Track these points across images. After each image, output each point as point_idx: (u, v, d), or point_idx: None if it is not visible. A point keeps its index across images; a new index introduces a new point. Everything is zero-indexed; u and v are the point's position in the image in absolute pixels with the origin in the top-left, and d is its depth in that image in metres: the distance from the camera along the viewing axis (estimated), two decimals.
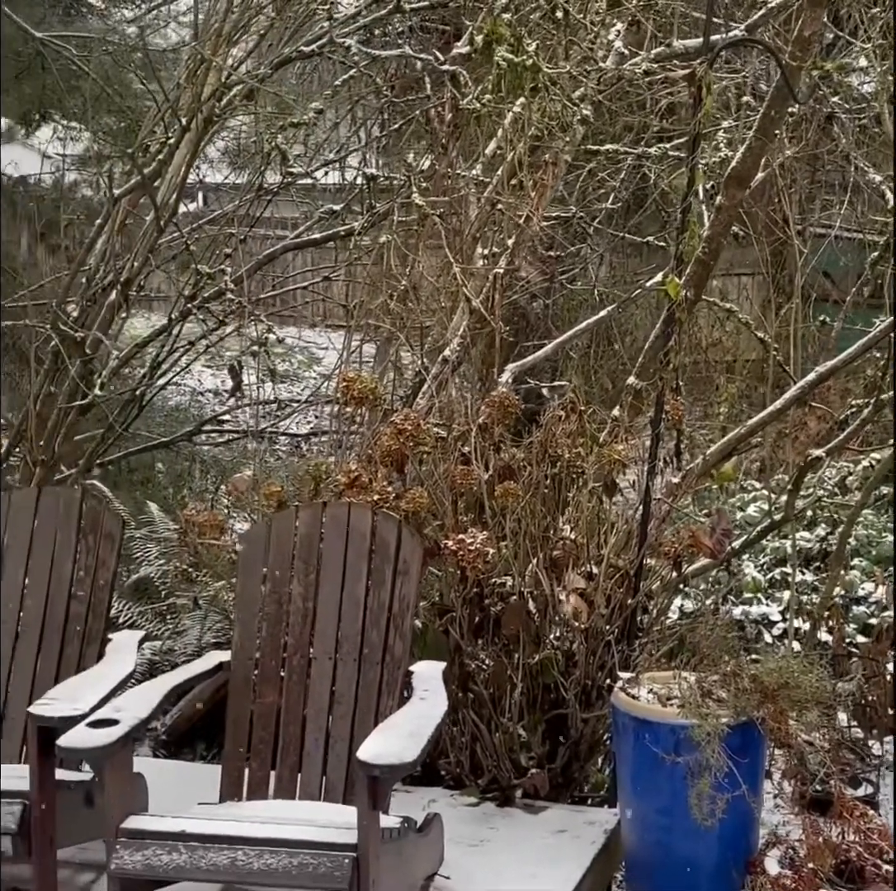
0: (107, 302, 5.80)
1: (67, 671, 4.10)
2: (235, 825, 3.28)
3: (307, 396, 9.34)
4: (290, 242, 6.27)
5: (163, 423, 9.48)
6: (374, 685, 3.84)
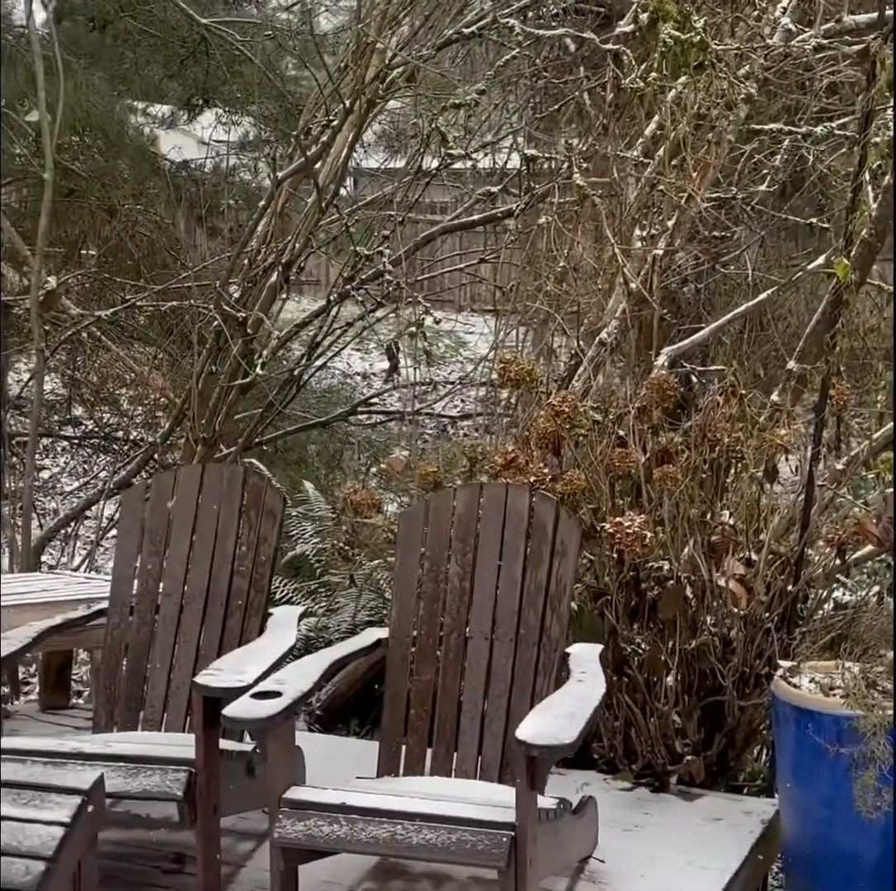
0: (268, 283, 5.89)
1: (230, 643, 4.18)
2: (395, 800, 3.31)
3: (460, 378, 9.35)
4: (448, 223, 6.28)
5: (315, 404, 9.62)
6: (530, 666, 3.84)
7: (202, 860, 3.58)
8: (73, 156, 7.66)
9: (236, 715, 3.33)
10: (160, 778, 3.55)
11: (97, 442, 10.82)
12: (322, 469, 9.48)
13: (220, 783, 3.61)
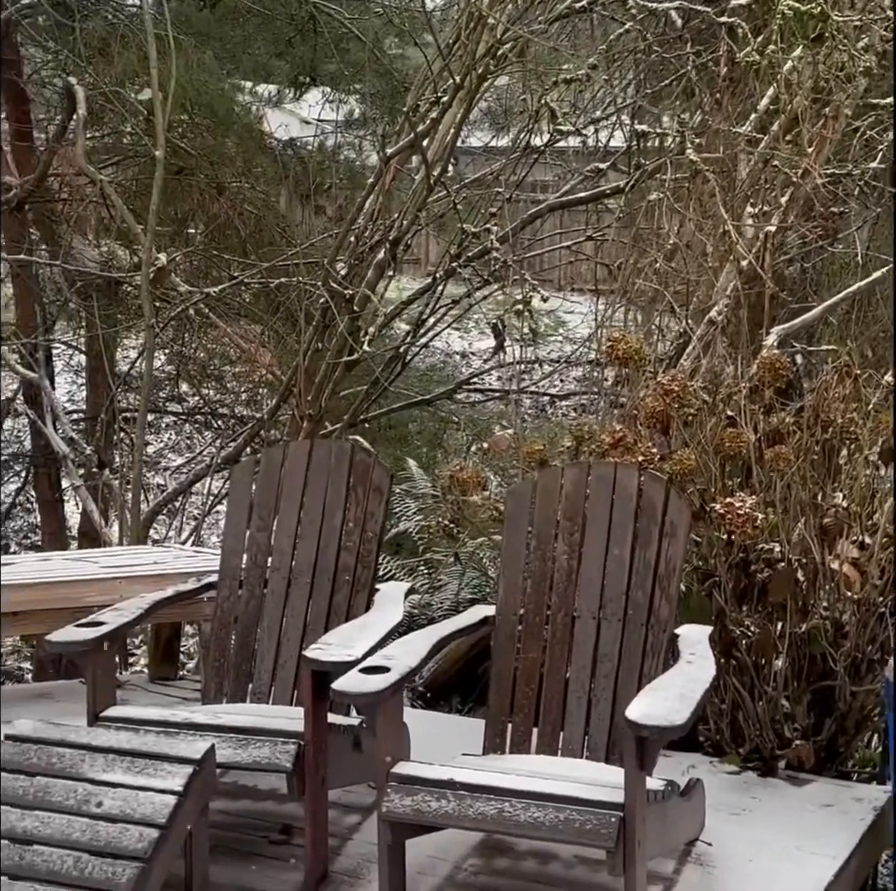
0: (374, 260, 5.91)
1: (337, 618, 4.22)
2: (502, 777, 3.32)
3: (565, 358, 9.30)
4: (555, 200, 6.24)
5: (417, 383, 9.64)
6: (638, 646, 3.81)
7: (310, 832, 3.62)
8: (183, 134, 7.74)
9: (345, 689, 3.35)
10: (270, 750, 3.59)
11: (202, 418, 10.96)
12: (423, 447, 9.52)
13: (327, 756, 3.64)
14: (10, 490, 10.70)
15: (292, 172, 8.31)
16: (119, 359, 10.15)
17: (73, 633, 3.81)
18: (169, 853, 3.28)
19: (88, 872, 3.19)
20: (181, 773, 3.36)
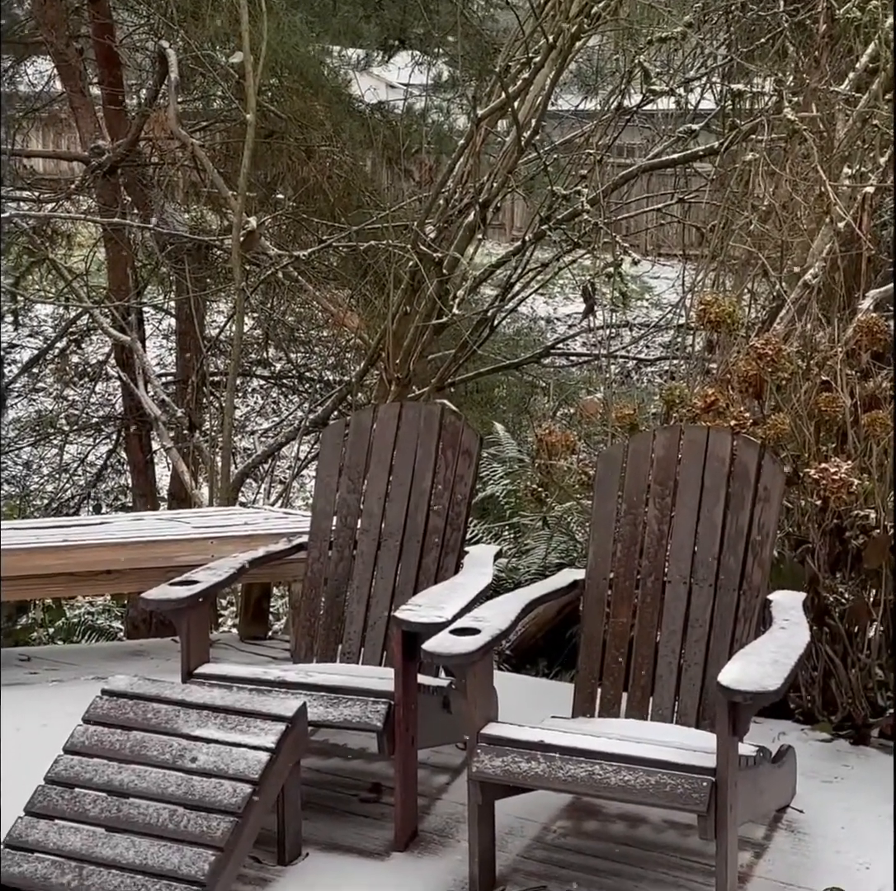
0: (464, 223, 5.89)
1: (426, 580, 4.24)
2: (593, 740, 3.32)
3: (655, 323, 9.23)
4: (647, 162, 6.17)
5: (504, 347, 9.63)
6: (730, 612, 3.79)
7: (400, 790, 3.65)
8: (272, 97, 7.76)
9: (436, 650, 3.37)
10: (360, 709, 3.62)
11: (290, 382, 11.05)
12: (509, 412, 9.51)
13: (417, 716, 3.67)
14: (102, 452, 10.88)
15: (381, 136, 8.30)
16: (208, 323, 10.27)
17: (168, 591, 3.87)
18: (262, 809, 3.33)
19: (184, 825, 3.25)
20: (274, 730, 3.41)
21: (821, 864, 3.52)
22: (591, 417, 5.32)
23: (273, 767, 3.35)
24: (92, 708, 3.55)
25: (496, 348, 9.03)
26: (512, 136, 5.58)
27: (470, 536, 6.72)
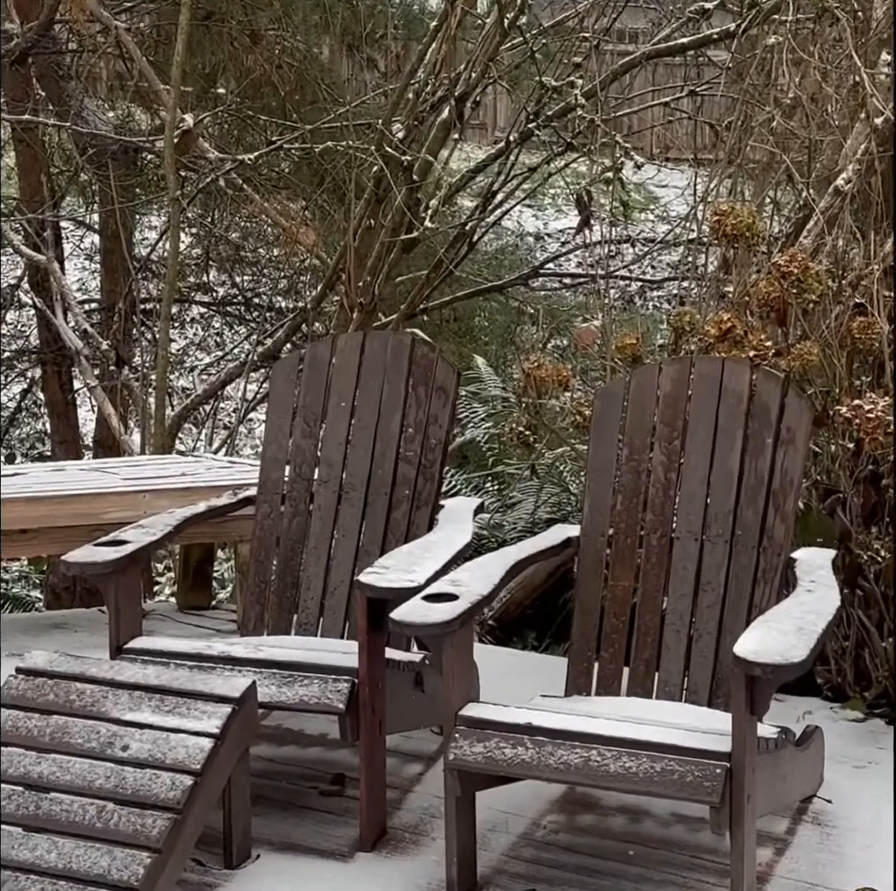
0: (437, 121, 5.85)
1: (395, 539, 4.25)
2: (588, 721, 3.34)
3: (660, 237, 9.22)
4: (652, 48, 6.13)
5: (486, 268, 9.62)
6: (748, 572, 3.81)
7: (366, 782, 3.67)
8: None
9: (407, 619, 3.37)
10: (319, 688, 3.64)
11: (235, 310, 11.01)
12: (493, 344, 9.53)
13: (385, 696, 3.69)
14: (15, 392, 10.84)
15: (339, 18, 8.22)
16: (138, 240, 10.20)
17: (93, 553, 3.86)
18: (204, 803, 3.35)
19: (114, 823, 3.26)
20: (218, 713, 3.42)
21: (850, 861, 3.56)
22: (586, 348, 5.32)
23: (218, 755, 3.37)
24: (5, 689, 3.55)
25: (476, 269, 9.02)
26: (493, 17, 5.53)
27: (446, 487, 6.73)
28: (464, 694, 3.44)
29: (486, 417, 7.26)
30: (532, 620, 6.18)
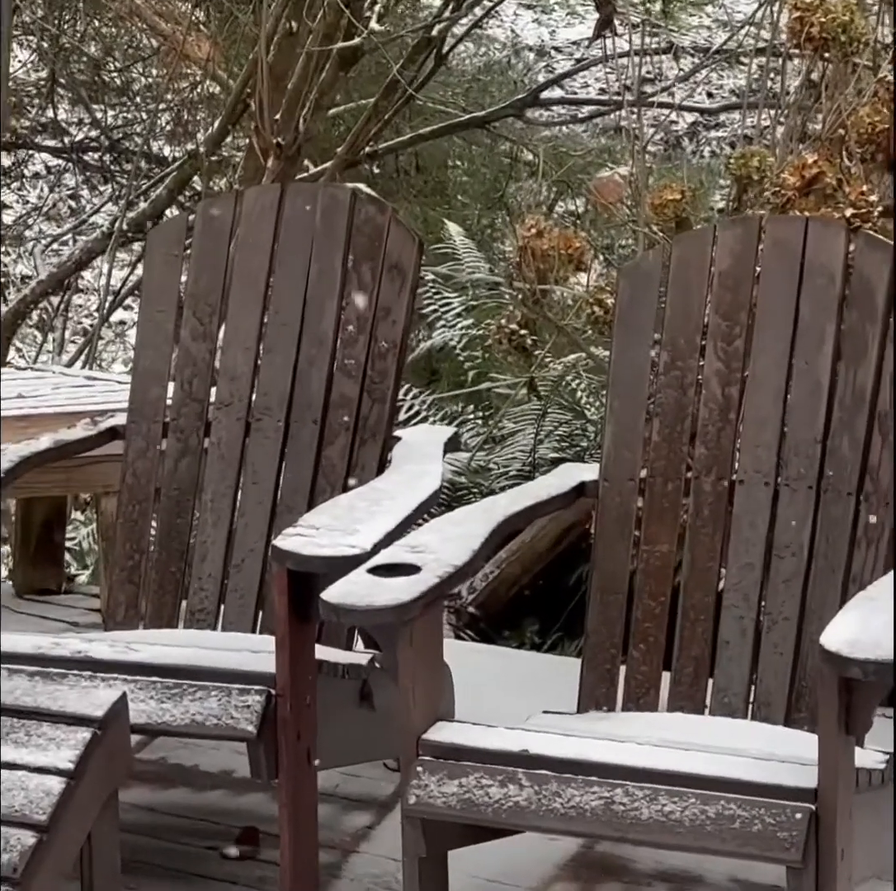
0: None
1: (330, 486, 4.28)
2: (611, 748, 3.35)
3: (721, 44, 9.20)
4: None
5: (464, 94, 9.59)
6: (843, 530, 3.83)
7: (289, 839, 3.68)
8: None
9: (346, 603, 3.37)
10: (219, 703, 3.65)
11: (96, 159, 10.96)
12: (474, 204, 9.51)
13: (316, 715, 3.70)
14: None
15: None
16: None
17: None
18: (53, 872, 3.35)
19: None
20: (71, 741, 3.41)
21: None
22: (609, 207, 5.31)
23: (72, 801, 3.36)
24: None
25: (449, 95, 8.99)
26: None
27: (406, 414, 6.76)
28: (430, 710, 3.44)
29: (465, 311, 7.25)
30: (532, 606, 6.21)
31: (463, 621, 5.97)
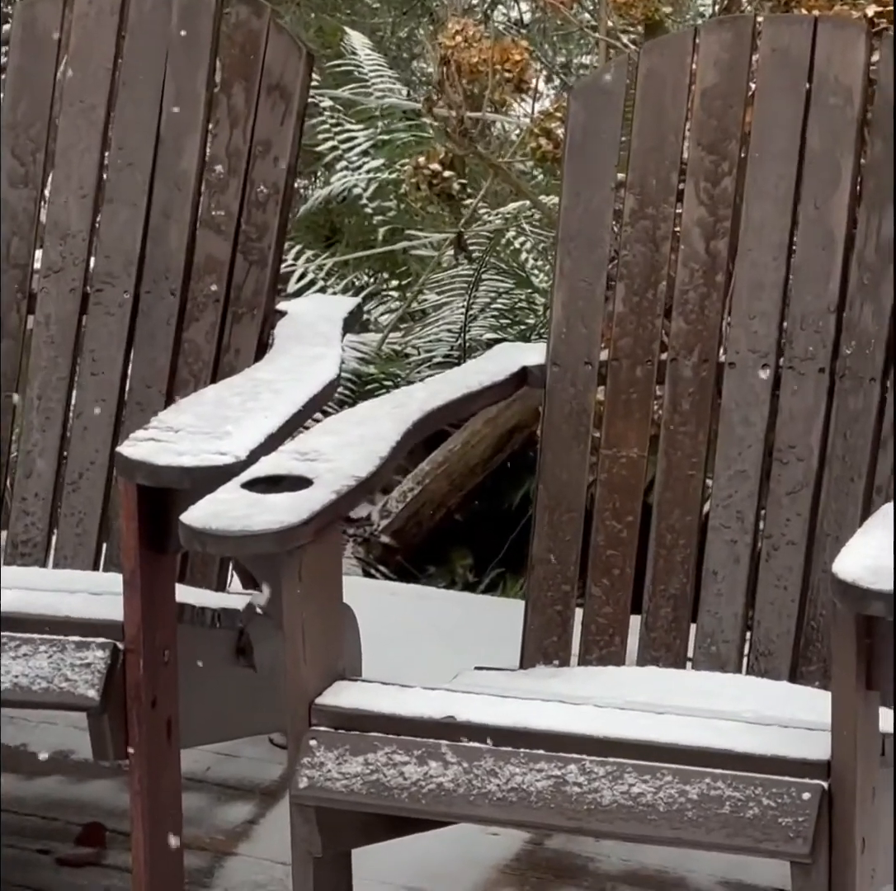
0: None
1: (193, 376, 4.31)
2: (562, 712, 3.37)
3: None
4: None
5: None
6: (865, 426, 3.86)
7: (144, 839, 3.69)
8: None
9: (212, 526, 3.36)
10: (49, 661, 3.64)
11: None
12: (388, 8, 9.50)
13: (178, 677, 3.71)
14: None
15: None
16: None
17: None
18: None
19: None
20: None
21: None
22: (562, 5, 5.30)
23: None
24: None
25: None
26: None
27: (297, 284, 6.77)
28: (326, 667, 3.45)
29: (373, 149, 7.26)
30: (465, 534, 6.24)
31: (374, 554, 5.99)
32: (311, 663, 3.43)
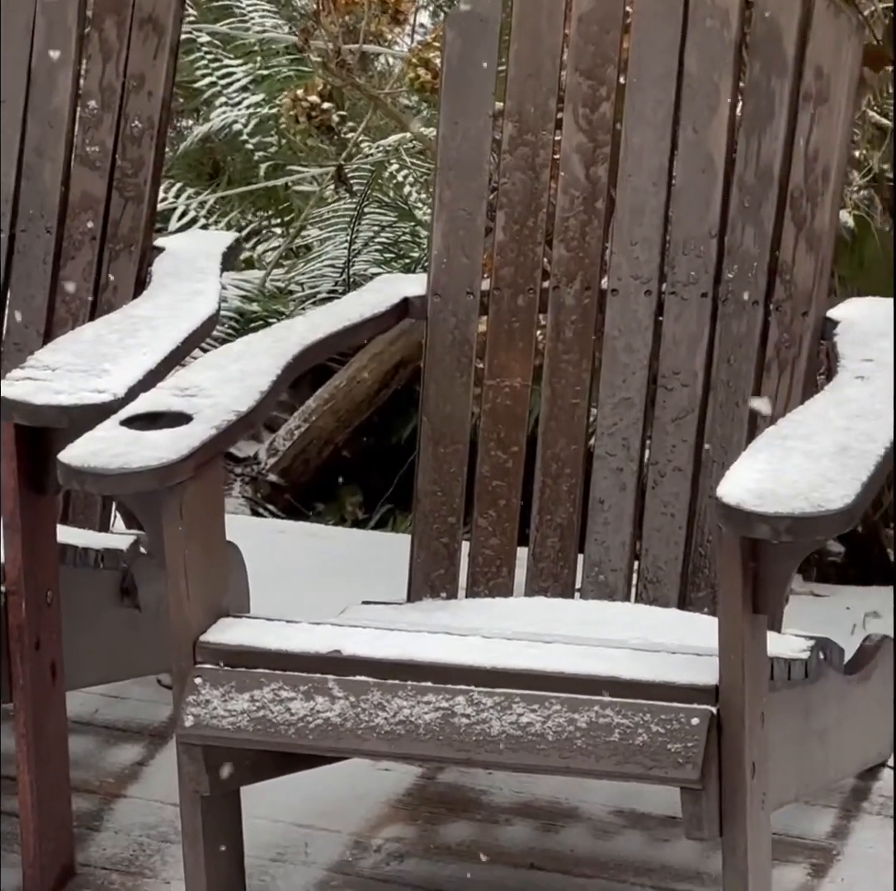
0: None
1: (70, 314, 4.29)
2: (448, 644, 3.37)
3: None
4: None
5: None
6: (748, 349, 3.87)
7: (30, 783, 3.67)
8: None
9: (90, 464, 3.34)
10: None
11: None
12: None
13: (61, 618, 3.69)
14: None
15: None
16: None
17: None
18: None
19: None
20: None
21: None
22: None
23: None
24: None
25: None
26: None
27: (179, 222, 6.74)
28: (210, 604, 3.44)
29: (252, 84, 7.23)
30: (353, 471, 6.24)
31: (262, 493, 5.98)
32: (194, 601, 3.42)
